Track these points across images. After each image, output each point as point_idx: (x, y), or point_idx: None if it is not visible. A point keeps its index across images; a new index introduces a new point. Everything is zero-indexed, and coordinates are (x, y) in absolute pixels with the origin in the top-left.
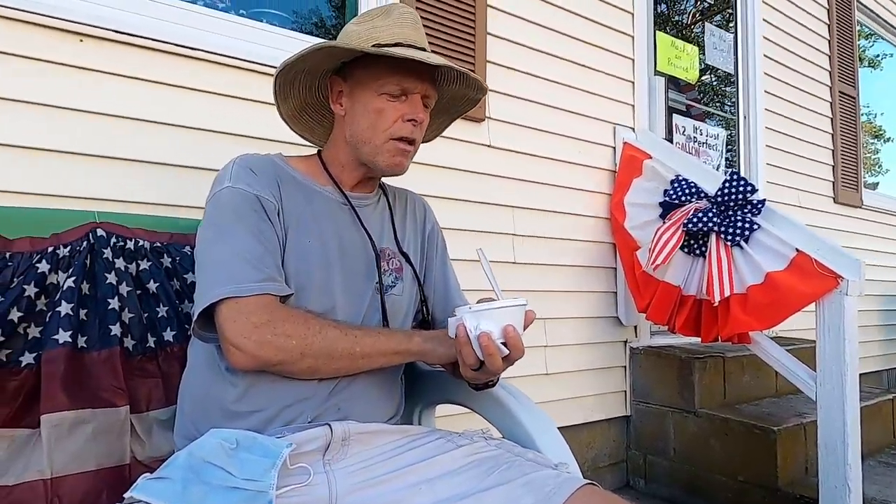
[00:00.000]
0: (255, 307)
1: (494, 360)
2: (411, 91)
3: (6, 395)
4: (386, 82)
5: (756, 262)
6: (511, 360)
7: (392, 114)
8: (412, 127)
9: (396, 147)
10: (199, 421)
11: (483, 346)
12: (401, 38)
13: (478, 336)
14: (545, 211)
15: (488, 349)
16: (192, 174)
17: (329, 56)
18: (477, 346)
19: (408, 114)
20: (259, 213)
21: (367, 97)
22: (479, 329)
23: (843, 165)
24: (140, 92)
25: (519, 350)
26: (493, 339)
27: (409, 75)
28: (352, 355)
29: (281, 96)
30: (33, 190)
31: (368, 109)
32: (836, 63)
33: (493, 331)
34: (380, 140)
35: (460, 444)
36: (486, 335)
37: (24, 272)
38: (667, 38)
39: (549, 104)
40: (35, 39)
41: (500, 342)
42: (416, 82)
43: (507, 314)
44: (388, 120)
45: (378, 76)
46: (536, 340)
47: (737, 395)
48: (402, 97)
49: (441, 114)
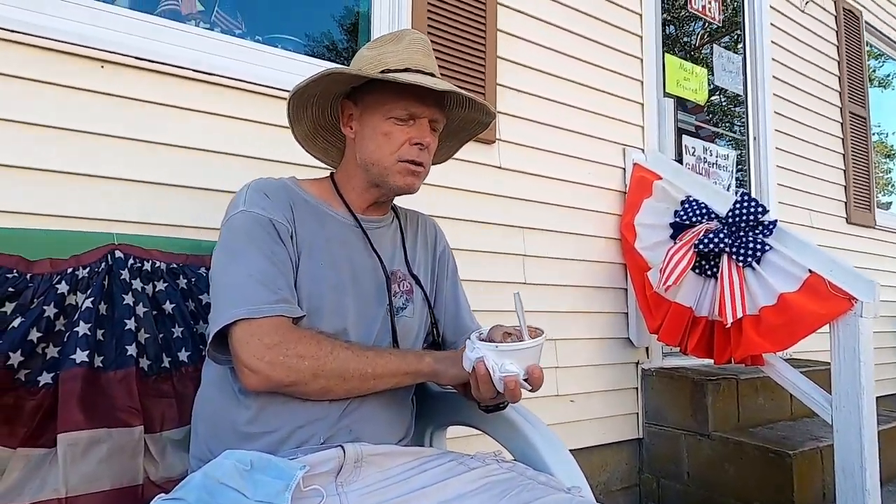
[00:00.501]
0: (268, 329)
1: (516, 397)
2: (418, 115)
3: (24, 415)
4: (393, 107)
5: (768, 284)
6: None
7: (399, 137)
8: (419, 150)
9: (406, 168)
10: (212, 442)
11: (510, 389)
12: (409, 64)
13: (503, 377)
14: (555, 232)
15: (514, 392)
16: (208, 196)
17: (338, 81)
18: (501, 387)
19: (415, 137)
20: (272, 235)
21: (376, 121)
22: (504, 369)
23: (856, 185)
24: (158, 116)
25: (539, 384)
26: (520, 380)
27: (416, 100)
28: (363, 376)
29: (294, 119)
30: (54, 212)
31: (377, 133)
32: (845, 83)
33: (519, 372)
34: (388, 162)
35: (473, 466)
36: (513, 379)
37: (44, 293)
38: (675, 60)
39: (558, 126)
40: (58, 66)
41: (524, 378)
42: (423, 107)
43: (531, 353)
44: (396, 143)
45: (386, 101)
46: (547, 361)
47: (751, 418)
48: (410, 121)
49: (452, 137)
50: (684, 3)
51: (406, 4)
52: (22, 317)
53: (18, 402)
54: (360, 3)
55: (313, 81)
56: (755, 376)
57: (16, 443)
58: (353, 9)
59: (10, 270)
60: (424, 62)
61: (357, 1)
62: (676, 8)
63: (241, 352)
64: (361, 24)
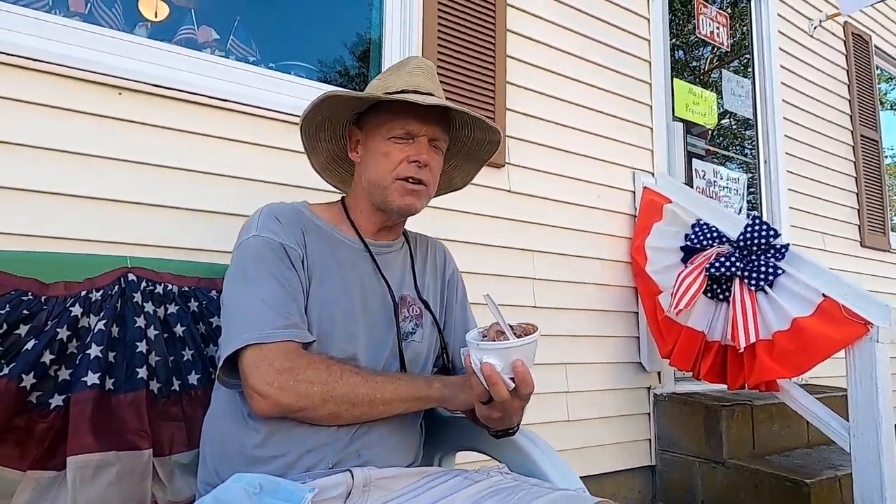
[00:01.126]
0: (278, 353)
1: (498, 390)
2: (416, 134)
3: (35, 438)
4: (392, 126)
5: (782, 308)
6: (522, 396)
7: (398, 156)
8: (417, 168)
9: (403, 186)
10: (220, 466)
11: (486, 375)
12: (408, 86)
13: (481, 368)
14: (565, 255)
15: (491, 378)
16: (221, 220)
17: (338, 105)
18: (482, 377)
19: (412, 155)
20: (284, 260)
21: (377, 142)
22: (482, 360)
23: (869, 209)
24: (173, 142)
25: (528, 384)
26: (495, 369)
27: (413, 119)
28: (372, 402)
29: (310, 149)
30: (70, 235)
31: (378, 153)
32: (856, 107)
33: (499, 364)
34: (387, 181)
35: (477, 479)
36: (488, 365)
37: (58, 315)
38: (684, 84)
39: (568, 150)
40: (76, 93)
41: (509, 378)
42: (421, 125)
43: (515, 351)
44: (394, 161)
45: (385, 122)
46: (557, 386)
47: (766, 445)
48: (409, 140)
49: (468, 159)
50: (692, 29)
51: (416, 31)
52: (35, 339)
53: (30, 425)
54: (371, 30)
55: (315, 106)
56: (770, 402)
57: (26, 465)
58: (365, 36)
59: (26, 293)
60: (424, 83)
61: (369, 28)
62: (685, 33)
63: (250, 377)
64: (373, 52)
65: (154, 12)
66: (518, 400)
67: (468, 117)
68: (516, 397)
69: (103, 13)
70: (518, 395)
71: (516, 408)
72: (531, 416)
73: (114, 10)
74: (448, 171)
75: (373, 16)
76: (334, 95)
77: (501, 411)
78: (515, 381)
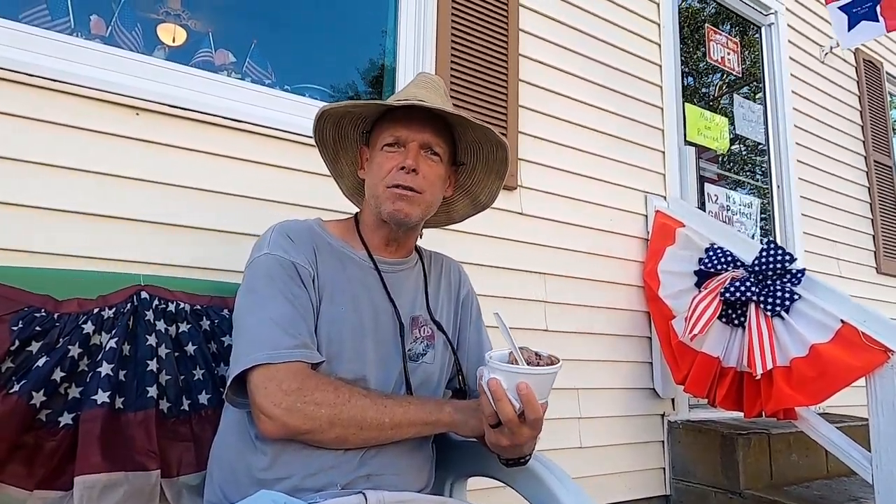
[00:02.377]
0: (286, 374)
1: (503, 406)
2: (406, 140)
3: (42, 456)
4: (384, 136)
5: (799, 334)
6: (530, 423)
7: (388, 164)
8: (405, 174)
9: (393, 193)
10: (228, 487)
11: (492, 390)
12: (406, 96)
13: (488, 383)
14: (577, 278)
15: (496, 393)
16: (235, 239)
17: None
18: (489, 393)
19: (401, 162)
20: (294, 279)
21: (375, 154)
22: (490, 377)
23: (885, 234)
24: (189, 161)
25: (533, 408)
26: (501, 385)
27: (401, 126)
28: (381, 425)
29: (336, 175)
30: (85, 253)
31: (374, 164)
32: (869, 133)
33: (506, 384)
34: (380, 190)
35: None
36: (495, 381)
37: (70, 332)
38: (696, 109)
39: (580, 173)
40: (93, 112)
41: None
42: (408, 131)
43: (525, 377)
44: (385, 169)
45: (380, 133)
46: (570, 412)
47: (784, 475)
48: (400, 147)
49: (486, 173)
50: (703, 56)
51: (430, 55)
52: (47, 356)
53: (38, 443)
54: (385, 56)
55: (318, 125)
56: (788, 431)
57: (33, 485)
58: (379, 61)
59: (39, 310)
60: (421, 94)
61: (382, 54)
62: (695, 60)
63: (258, 397)
64: (386, 77)
65: (172, 37)
66: (527, 428)
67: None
68: (525, 425)
69: (123, 36)
70: (526, 422)
71: (525, 436)
72: (543, 443)
73: (133, 33)
74: (470, 187)
75: (387, 42)
76: (329, 109)
77: (510, 438)
78: (521, 404)
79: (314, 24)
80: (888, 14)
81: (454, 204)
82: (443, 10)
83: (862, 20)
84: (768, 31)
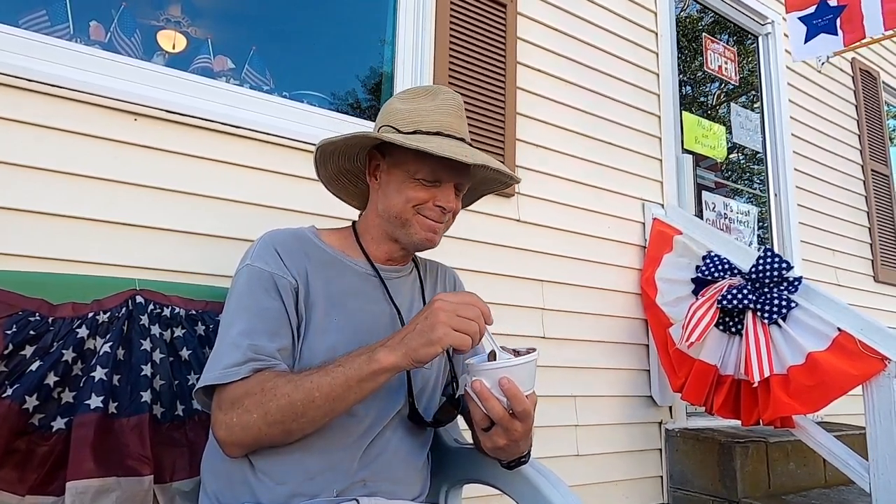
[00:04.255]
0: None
1: (491, 406)
2: (445, 181)
3: (35, 461)
4: (421, 168)
5: (796, 342)
6: (520, 417)
7: (423, 196)
8: (441, 213)
9: (425, 223)
10: (222, 494)
11: (477, 391)
12: (442, 128)
13: (471, 385)
14: (574, 285)
15: (482, 394)
16: (232, 244)
17: (370, 139)
18: (475, 396)
19: (439, 200)
20: (270, 291)
21: (402, 178)
22: (473, 379)
23: (882, 243)
24: (186, 167)
25: (519, 400)
26: (485, 385)
27: (444, 166)
28: (314, 403)
29: (321, 162)
30: (80, 257)
31: (402, 189)
32: (865, 142)
33: (488, 383)
34: (409, 215)
35: None
36: (478, 381)
37: (64, 337)
38: (693, 117)
39: (577, 180)
40: (92, 118)
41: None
42: (451, 174)
43: (503, 371)
44: (419, 200)
45: (414, 161)
46: (567, 420)
47: (782, 484)
48: (437, 183)
49: (473, 190)
50: (700, 65)
51: (428, 65)
52: (41, 360)
53: (30, 448)
54: (384, 64)
55: (345, 139)
56: (785, 439)
57: (24, 490)
58: (378, 69)
59: (33, 314)
60: (457, 126)
61: (381, 62)
62: (693, 69)
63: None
64: (385, 85)
65: (172, 44)
66: (518, 422)
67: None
68: (516, 419)
69: (123, 42)
70: (516, 416)
71: (519, 431)
72: (540, 451)
73: (133, 39)
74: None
75: (385, 51)
76: (374, 136)
77: (506, 437)
78: (507, 398)
79: (313, 32)
80: (847, 28)
81: None
82: (441, 18)
83: (821, 32)
84: (765, 40)
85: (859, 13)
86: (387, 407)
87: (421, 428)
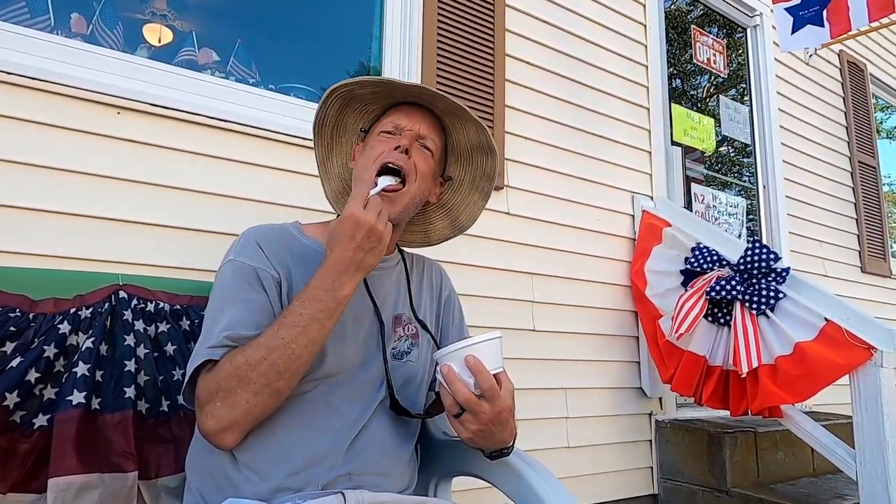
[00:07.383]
0: (202, 387)
1: (457, 388)
2: (405, 128)
3: (16, 459)
4: (384, 124)
5: (784, 332)
6: (488, 396)
7: (381, 147)
8: (397, 153)
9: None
10: (206, 492)
11: (444, 374)
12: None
13: (439, 370)
14: (564, 278)
15: (448, 376)
16: (216, 239)
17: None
18: (443, 381)
19: (395, 142)
20: (253, 284)
21: (370, 141)
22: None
23: (869, 235)
24: (170, 160)
25: (484, 377)
26: (453, 369)
27: (402, 115)
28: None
29: (324, 175)
30: (63, 253)
31: (366, 149)
32: (853, 134)
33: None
34: (370, 174)
35: None
36: (446, 366)
37: (45, 333)
38: (682, 110)
39: (566, 173)
40: (75, 112)
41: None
42: (408, 120)
43: (467, 351)
44: (377, 151)
45: (380, 122)
46: (557, 412)
47: (771, 473)
48: (397, 134)
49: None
50: (689, 58)
51: (416, 59)
52: (21, 357)
53: (11, 445)
54: (371, 59)
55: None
56: (774, 429)
57: (6, 488)
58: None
59: (14, 310)
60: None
61: (369, 57)
62: (682, 61)
63: (196, 422)
64: None
65: (158, 38)
66: (486, 403)
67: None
68: (484, 401)
69: (105, 34)
70: (484, 397)
71: (487, 414)
72: (531, 443)
73: (115, 31)
74: (453, 206)
75: (373, 46)
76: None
77: (476, 421)
78: (473, 374)
79: (299, 25)
80: (834, 20)
81: (433, 223)
82: (429, 10)
83: (807, 24)
84: (753, 32)
85: (845, 5)
86: (369, 400)
87: (407, 420)
